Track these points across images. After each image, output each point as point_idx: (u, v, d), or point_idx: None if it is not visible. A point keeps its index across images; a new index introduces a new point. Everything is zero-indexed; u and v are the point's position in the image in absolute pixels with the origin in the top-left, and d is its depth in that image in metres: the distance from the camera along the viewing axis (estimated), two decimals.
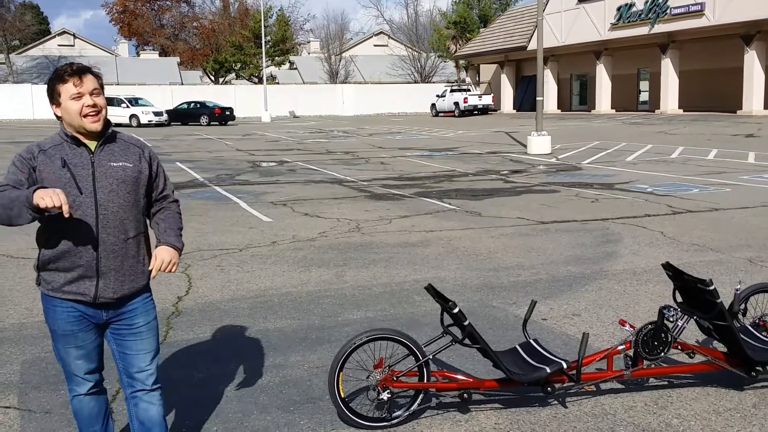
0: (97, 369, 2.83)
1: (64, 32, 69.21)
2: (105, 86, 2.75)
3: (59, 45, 65.50)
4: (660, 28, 33.61)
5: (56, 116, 2.67)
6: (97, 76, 2.66)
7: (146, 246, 2.82)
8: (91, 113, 2.60)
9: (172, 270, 2.78)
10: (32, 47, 64.02)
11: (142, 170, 2.75)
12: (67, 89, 2.58)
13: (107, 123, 2.69)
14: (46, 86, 2.69)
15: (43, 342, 4.66)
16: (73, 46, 66.43)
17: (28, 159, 2.60)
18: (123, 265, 2.68)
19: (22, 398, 3.83)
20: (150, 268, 2.74)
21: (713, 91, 34.07)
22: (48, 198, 2.31)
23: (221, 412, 3.63)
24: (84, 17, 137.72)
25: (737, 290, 3.99)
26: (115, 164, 2.67)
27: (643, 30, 34.70)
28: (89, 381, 2.81)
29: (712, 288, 3.54)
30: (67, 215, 2.37)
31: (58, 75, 2.60)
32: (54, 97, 2.63)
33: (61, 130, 2.68)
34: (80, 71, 2.60)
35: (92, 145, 2.66)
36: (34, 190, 2.36)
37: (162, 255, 2.75)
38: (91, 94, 2.60)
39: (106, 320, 2.74)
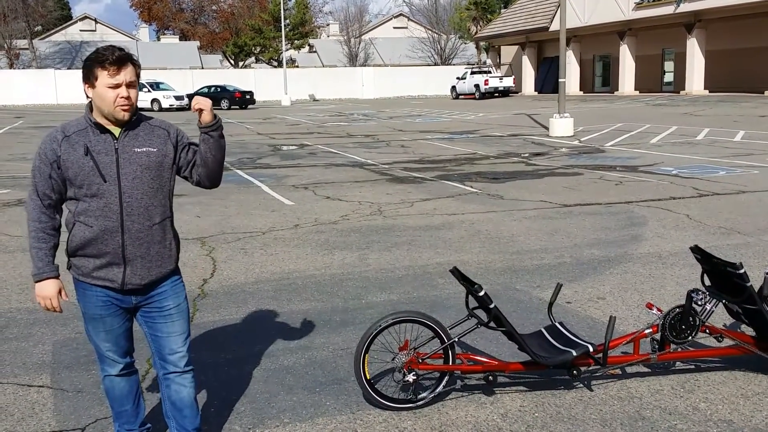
0: (126, 352, 2.86)
1: (85, 17, 69.68)
2: None
3: (81, 30, 66.02)
4: (686, 7, 32.91)
5: (86, 96, 2.66)
6: (136, 66, 2.64)
7: (172, 230, 2.82)
8: (124, 105, 2.58)
9: (205, 107, 2.73)
10: (54, 33, 64.57)
11: (167, 154, 2.72)
12: (105, 76, 2.55)
13: (134, 112, 2.67)
14: (83, 64, 2.66)
15: (73, 323, 4.76)
16: (95, 31, 66.93)
17: (51, 151, 2.61)
18: (149, 252, 2.69)
19: (54, 377, 3.92)
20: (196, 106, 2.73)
21: (740, 71, 33.36)
22: (41, 302, 2.72)
23: (248, 393, 3.68)
24: (105, 2, 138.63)
25: (767, 274, 3.93)
26: (138, 150, 2.65)
27: (668, 9, 34.01)
28: (119, 363, 2.85)
29: (741, 271, 3.49)
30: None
31: (98, 59, 2.56)
32: (89, 79, 2.60)
33: (87, 113, 2.66)
34: (121, 61, 2.56)
35: (116, 131, 2.65)
36: (39, 279, 2.67)
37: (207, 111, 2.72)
38: (128, 86, 2.58)
39: (135, 305, 2.77)
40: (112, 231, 2.62)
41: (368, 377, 3.42)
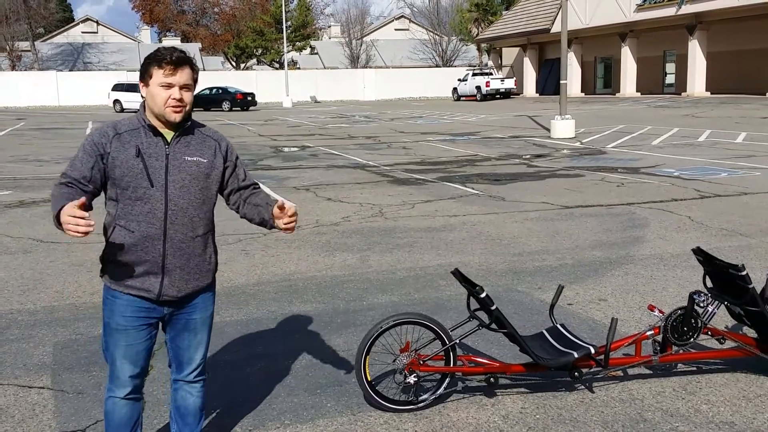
0: (140, 373, 2.71)
1: (87, 19, 69.86)
2: (129, 73, 2.70)
3: (83, 32, 66.23)
4: (687, 8, 32.91)
5: (141, 95, 2.59)
6: (195, 70, 2.57)
7: (213, 244, 2.74)
8: (176, 107, 2.52)
9: (293, 224, 2.66)
10: (56, 35, 64.74)
11: (216, 166, 2.65)
12: (160, 75, 2.50)
13: (188, 116, 2.60)
14: (142, 63, 2.58)
15: (74, 324, 4.76)
16: (97, 33, 67.11)
17: (100, 144, 2.52)
18: (189, 263, 2.61)
19: (55, 379, 3.91)
20: (286, 211, 2.62)
21: (742, 72, 33.34)
22: (71, 227, 2.25)
23: (249, 394, 3.67)
24: (107, 4, 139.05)
25: None
26: (189, 158, 2.58)
27: (669, 11, 34.00)
28: (128, 386, 2.68)
29: (744, 273, 3.48)
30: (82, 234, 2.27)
31: (156, 57, 2.51)
32: (145, 77, 2.54)
33: (141, 113, 2.60)
34: (179, 62, 2.50)
35: (169, 135, 2.58)
36: (61, 208, 2.31)
37: (291, 206, 2.64)
38: (181, 87, 2.52)
39: (165, 314, 2.67)
40: (153, 238, 2.53)
41: (369, 379, 3.41)
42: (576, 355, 3.48)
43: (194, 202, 2.60)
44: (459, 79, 45.82)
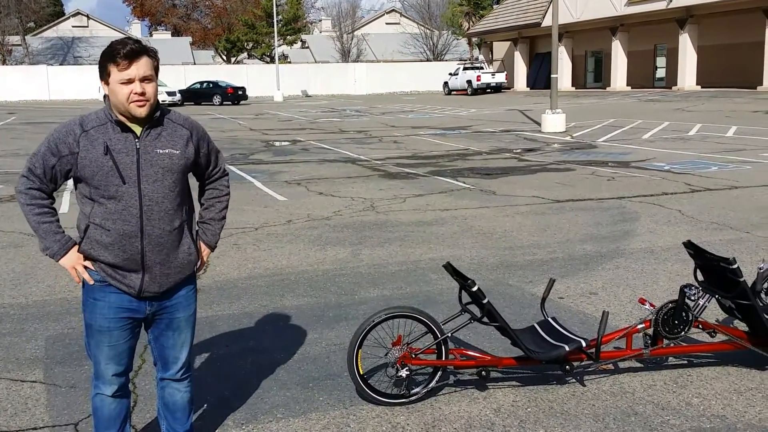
0: (125, 371, 2.71)
1: (77, 13, 69.23)
2: None
3: (73, 26, 65.64)
4: (678, 2, 33.01)
5: (105, 92, 2.52)
6: (153, 57, 2.47)
7: (190, 233, 2.69)
8: (139, 101, 2.43)
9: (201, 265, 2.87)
10: (47, 29, 64.16)
11: (189, 156, 2.59)
12: (117, 72, 2.41)
13: (156, 107, 2.52)
14: (99, 59, 2.50)
15: (66, 318, 4.74)
16: (87, 27, 66.53)
17: (65, 144, 2.46)
18: (169, 258, 2.57)
19: (47, 373, 3.90)
20: (199, 270, 2.81)
21: (733, 66, 33.51)
22: (79, 272, 2.57)
23: (241, 388, 3.67)
24: None
25: (760, 269, 3.95)
26: (161, 151, 2.51)
27: (660, 5, 34.10)
28: (115, 384, 2.68)
29: (735, 266, 3.50)
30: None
31: (110, 54, 2.42)
32: (104, 75, 2.46)
33: (106, 108, 2.52)
34: (133, 54, 2.40)
35: (138, 129, 2.50)
36: (67, 249, 2.54)
37: (206, 256, 2.85)
38: (142, 80, 2.42)
39: (148, 314, 2.64)
40: (130, 236, 2.49)
41: (361, 372, 3.42)
42: (567, 349, 3.49)
43: (169, 196, 2.55)
44: (450, 73, 45.83)
